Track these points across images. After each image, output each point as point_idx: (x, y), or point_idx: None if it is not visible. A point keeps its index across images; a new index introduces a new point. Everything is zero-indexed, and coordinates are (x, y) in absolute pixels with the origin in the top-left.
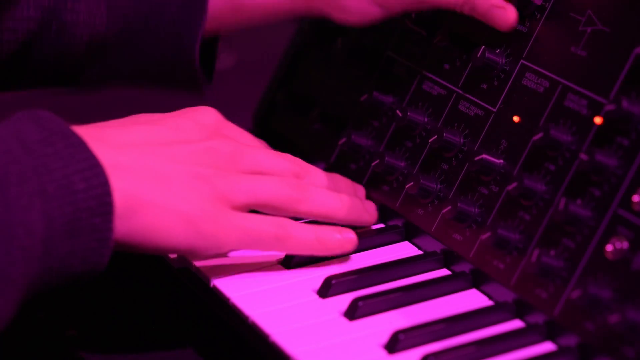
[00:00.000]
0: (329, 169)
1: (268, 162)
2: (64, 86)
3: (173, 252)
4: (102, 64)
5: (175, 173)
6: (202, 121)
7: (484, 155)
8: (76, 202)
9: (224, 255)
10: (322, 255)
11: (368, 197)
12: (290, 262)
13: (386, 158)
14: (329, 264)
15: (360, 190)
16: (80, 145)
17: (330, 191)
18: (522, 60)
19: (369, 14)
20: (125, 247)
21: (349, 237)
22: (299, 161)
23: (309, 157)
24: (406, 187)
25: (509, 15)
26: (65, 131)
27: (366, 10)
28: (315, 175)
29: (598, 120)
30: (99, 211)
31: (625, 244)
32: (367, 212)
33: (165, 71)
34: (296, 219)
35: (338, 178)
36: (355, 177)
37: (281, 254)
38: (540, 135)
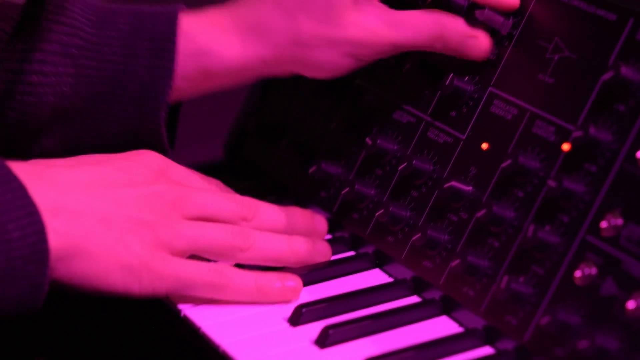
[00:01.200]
0: (299, 197)
1: (213, 207)
2: (17, 154)
3: (110, 295)
4: (66, 129)
5: (117, 218)
6: (148, 164)
7: (453, 183)
8: (9, 250)
9: None
10: (263, 304)
11: (339, 225)
12: None
13: (356, 186)
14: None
15: (320, 223)
16: (19, 191)
17: (277, 235)
18: (490, 88)
19: (341, 67)
20: (64, 287)
21: (291, 286)
22: (248, 203)
23: (280, 185)
24: (376, 214)
25: (482, 43)
26: (6, 175)
27: (339, 64)
28: (267, 216)
29: (566, 146)
30: (32, 258)
31: (593, 270)
32: (319, 252)
33: (129, 137)
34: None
35: (295, 213)
36: (325, 205)
37: None
38: (508, 162)
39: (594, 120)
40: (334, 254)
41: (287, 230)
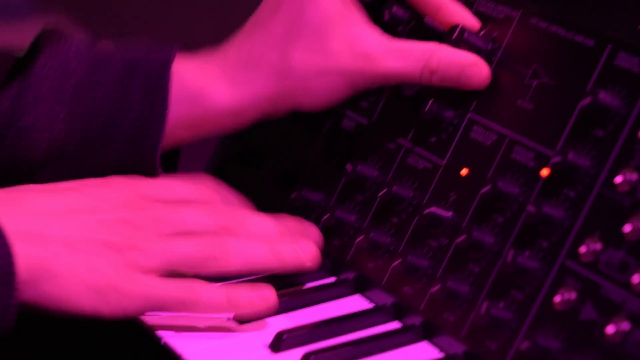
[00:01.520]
0: None
1: (189, 221)
2: None
3: (79, 317)
4: (58, 172)
5: (85, 241)
6: (119, 189)
7: (433, 208)
8: None
9: None
10: (238, 318)
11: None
12: None
13: (337, 212)
14: (280, 318)
15: (312, 230)
16: None
17: (257, 242)
18: (469, 114)
19: (336, 97)
20: (33, 310)
21: (263, 295)
22: (231, 212)
23: (261, 211)
24: (357, 241)
25: (484, 70)
26: None
27: (333, 93)
28: (253, 224)
29: (545, 172)
30: (0, 281)
31: (573, 295)
32: (306, 255)
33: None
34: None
35: (285, 221)
36: None
37: None
38: (488, 187)
39: (573, 145)
40: (314, 279)
41: (274, 237)
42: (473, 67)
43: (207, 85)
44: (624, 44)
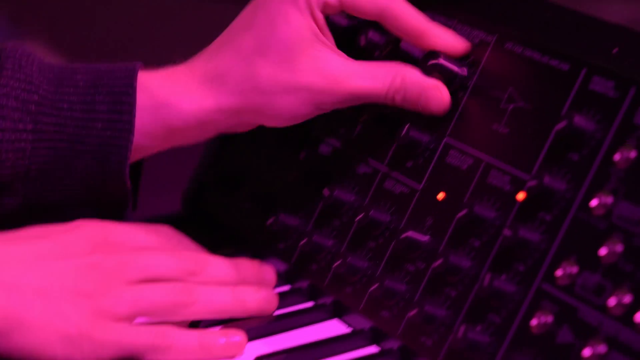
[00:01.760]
0: (258, 249)
1: (156, 268)
2: None
3: None
4: (27, 187)
5: (55, 290)
6: (86, 235)
7: (410, 233)
8: None
9: None
10: None
11: (297, 276)
12: None
13: (314, 237)
14: (258, 344)
15: (269, 272)
16: None
17: (222, 288)
18: (446, 138)
19: (300, 115)
20: (6, 359)
21: (235, 341)
22: (195, 257)
23: (238, 236)
24: (334, 265)
25: (444, 95)
26: None
27: (298, 111)
28: (214, 268)
29: (521, 196)
30: None
31: (549, 318)
32: (266, 301)
33: (93, 193)
34: None
35: (243, 265)
36: (284, 256)
37: None
38: (464, 211)
39: (549, 169)
40: (292, 304)
41: (236, 282)
42: (433, 91)
43: (174, 94)
44: (598, 68)
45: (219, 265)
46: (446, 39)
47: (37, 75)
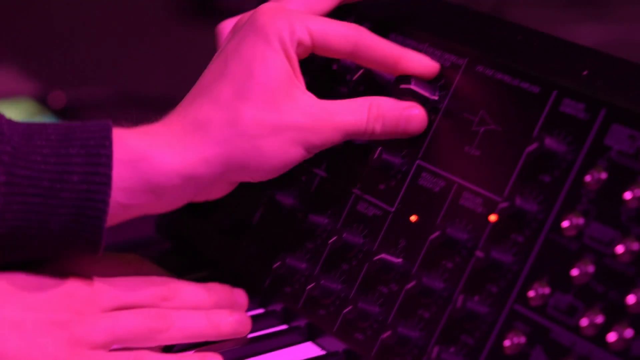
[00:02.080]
0: (232, 272)
1: (130, 294)
2: None
3: None
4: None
5: (29, 321)
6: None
7: (383, 255)
8: None
9: None
10: None
11: (271, 299)
12: None
13: (287, 260)
14: None
15: (240, 296)
16: None
17: (196, 312)
18: (418, 161)
19: (290, 158)
20: None
21: None
22: (167, 282)
23: (212, 261)
24: (308, 288)
25: (421, 113)
26: None
27: (287, 153)
28: (187, 294)
29: (493, 217)
30: None
31: (522, 339)
32: (239, 324)
33: (64, 249)
34: None
35: (215, 289)
36: (257, 279)
37: None
38: (437, 233)
39: (520, 191)
40: (266, 327)
41: (208, 306)
42: (410, 110)
43: (154, 148)
44: (568, 90)
45: (190, 290)
46: (419, 63)
47: (7, 127)
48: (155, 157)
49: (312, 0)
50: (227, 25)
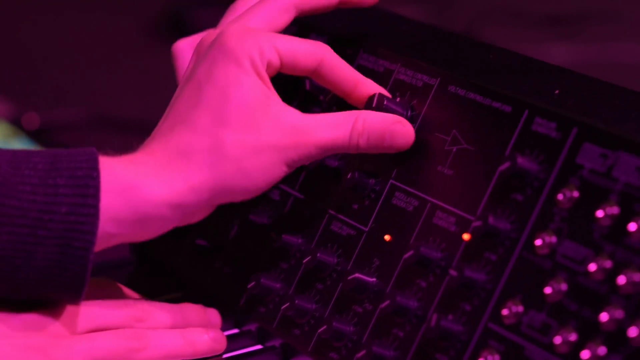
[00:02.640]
0: (207, 292)
1: (105, 317)
2: None
3: None
4: None
5: (10, 348)
6: None
7: (357, 275)
8: None
9: None
10: None
11: (245, 319)
12: None
13: (262, 280)
14: None
15: (213, 315)
16: None
17: (172, 331)
18: (391, 180)
19: (273, 175)
20: None
21: None
22: (140, 304)
23: (186, 282)
24: (282, 308)
25: (408, 128)
26: None
27: (270, 172)
28: (161, 315)
29: (466, 236)
30: None
31: (496, 357)
32: (215, 341)
33: (47, 285)
34: None
35: (188, 309)
36: (231, 300)
37: None
38: (410, 252)
39: (493, 210)
40: (241, 347)
41: (182, 326)
42: (396, 125)
43: (142, 178)
44: (540, 110)
45: (164, 311)
46: (378, 88)
47: None
48: (143, 187)
49: (271, 16)
50: (183, 45)
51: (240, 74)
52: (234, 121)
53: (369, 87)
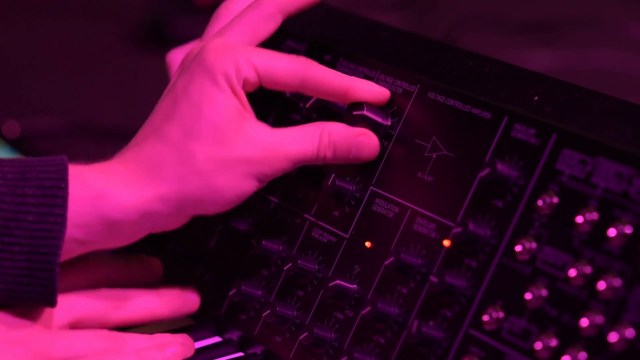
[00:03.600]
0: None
1: (82, 307)
2: None
3: None
4: None
5: None
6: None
7: (338, 281)
8: None
9: None
10: None
11: (227, 327)
12: None
13: (243, 287)
14: None
15: (192, 295)
16: None
17: (144, 336)
18: (371, 187)
19: (243, 190)
20: None
21: None
22: (116, 292)
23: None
24: (263, 315)
25: (372, 139)
26: None
27: (240, 186)
28: (137, 302)
29: (446, 243)
30: None
31: None
32: (185, 345)
33: (15, 295)
34: None
35: (167, 293)
36: (213, 306)
37: None
38: (391, 259)
39: (473, 216)
40: (222, 355)
41: (162, 310)
42: (361, 137)
43: (112, 186)
44: (519, 116)
45: (141, 296)
46: (368, 91)
47: None
48: (112, 195)
49: (256, 26)
50: (176, 55)
51: (214, 91)
52: (205, 136)
53: (359, 92)
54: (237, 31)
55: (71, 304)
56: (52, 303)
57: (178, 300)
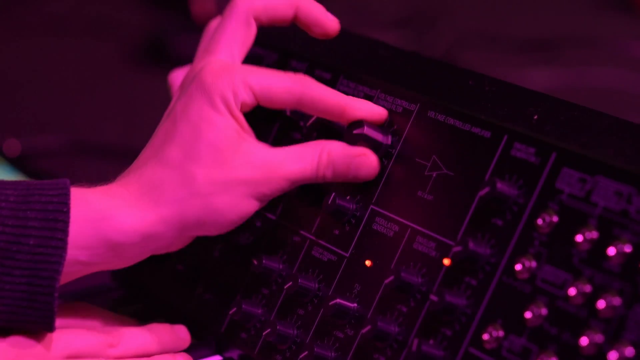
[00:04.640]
0: (187, 321)
1: (78, 345)
2: None
3: None
4: None
5: None
6: None
7: (338, 300)
8: None
9: None
10: None
11: (227, 345)
12: None
13: (243, 306)
14: None
15: (182, 332)
16: None
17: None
18: (371, 206)
19: (244, 211)
20: None
21: None
22: (111, 330)
23: (168, 306)
24: (264, 333)
25: (372, 159)
26: None
27: (241, 207)
28: (132, 339)
29: (446, 261)
30: None
31: None
32: None
33: (15, 318)
34: None
35: (157, 329)
36: (213, 325)
37: None
38: (391, 278)
39: (473, 235)
40: None
41: (154, 347)
42: (361, 157)
43: (114, 209)
44: (519, 135)
45: (133, 334)
46: (366, 110)
47: None
48: (115, 217)
49: (239, 37)
50: (178, 75)
51: (213, 113)
52: (204, 157)
53: (356, 111)
54: (226, 46)
55: (68, 340)
56: (50, 327)
57: (170, 337)
